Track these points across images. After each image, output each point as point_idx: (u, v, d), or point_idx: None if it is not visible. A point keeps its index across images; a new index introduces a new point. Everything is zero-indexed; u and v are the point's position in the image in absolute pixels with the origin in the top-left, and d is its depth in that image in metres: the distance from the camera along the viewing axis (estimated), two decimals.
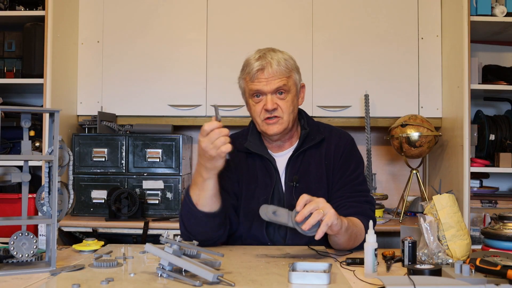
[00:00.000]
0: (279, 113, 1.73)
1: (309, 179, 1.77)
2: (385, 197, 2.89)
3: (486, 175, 3.02)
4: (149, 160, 2.75)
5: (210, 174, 1.57)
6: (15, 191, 2.69)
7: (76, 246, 1.64)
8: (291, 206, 1.73)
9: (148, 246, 1.31)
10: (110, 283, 1.23)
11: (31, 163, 1.50)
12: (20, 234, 1.37)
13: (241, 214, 1.78)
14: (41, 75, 2.69)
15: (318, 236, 1.45)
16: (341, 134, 1.85)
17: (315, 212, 1.45)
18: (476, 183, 2.95)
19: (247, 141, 1.82)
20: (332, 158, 1.79)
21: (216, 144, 1.50)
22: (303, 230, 1.45)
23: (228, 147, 1.51)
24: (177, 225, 1.82)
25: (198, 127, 3.24)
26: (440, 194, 1.50)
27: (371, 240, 1.35)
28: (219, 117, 1.54)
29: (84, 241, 1.68)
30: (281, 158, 1.81)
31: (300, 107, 1.88)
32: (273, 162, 1.79)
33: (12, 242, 1.36)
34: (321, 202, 1.48)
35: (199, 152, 1.56)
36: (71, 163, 1.47)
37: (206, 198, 1.61)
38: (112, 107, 3.00)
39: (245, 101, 1.83)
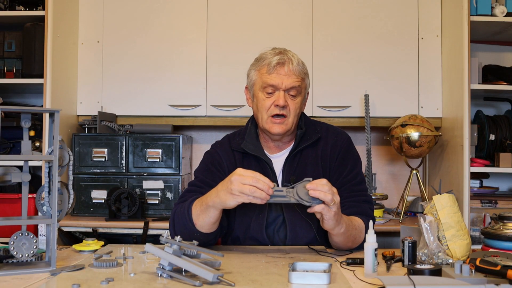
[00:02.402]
0: (286, 112, 1.72)
1: None
2: (385, 197, 2.89)
3: (486, 175, 3.02)
4: (149, 160, 2.75)
5: (216, 204, 1.53)
6: (15, 191, 2.69)
7: (76, 246, 1.64)
8: (288, 208, 1.73)
9: (148, 246, 1.31)
10: (110, 283, 1.23)
11: (31, 163, 1.50)
12: (20, 234, 1.37)
13: (238, 216, 1.76)
14: (41, 75, 2.69)
15: (311, 209, 1.47)
16: (337, 133, 1.84)
17: (329, 193, 1.45)
18: (476, 183, 2.95)
19: (244, 141, 1.80)
20: (328, 158, 1.78)
21: (242, 188, 1.44)
22: (300, 196, 1.45)
23: (242, 201, 1.46)
24: None
25: (198, 127, 3.24)
26: (440, 194, 1.50)
27: (371, 240, 1.35)
28: (278, 188, 1.48)
29: (84, 241, 1.68)
30: (278, 159, 1.80)
31: None
32: (269, 163, 1.78)
33: (12, 242, 1.36)
34: (337, 197, 1.48)
35: (225, 179, 1.51)
36: (71, 163, 1.47)
37: (205, 221, 1.59)
38: (112, 107, 3.00)
39: (251, 94, 1.80)
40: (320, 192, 1.45)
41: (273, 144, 1.82)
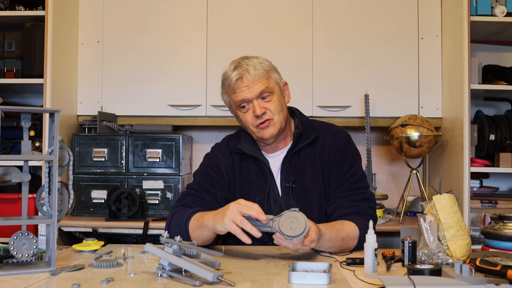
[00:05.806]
0: (269, 115, 1.73)
1: (305, 180, 1.76)
2: (385, 197, 2.89)
3: (486, 175, 3.02)
4: (149, 160, 2.75)
5: (209, 225, 1.54)
6: (15, 191, 2.69)
7: (76, 246, 1.65)
8: (288, 207, 1.73)
9: (148, 246, 1.31)
10: (110, 283, 1.23)
11: (31, 163, 1.50)
12: (20, 234, 1.37)
13: None
14: (41, 75, 2.69)
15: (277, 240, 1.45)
16: (336, 131, 1.84)
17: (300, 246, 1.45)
18: (476, 183, 2.95)
19: (240, 143, 1.82)
20: (327, 157, 1.78)
21: (235, 217, 1.44)
22: (281, 229, 1.43)
23: (229, 229, 1.45)
24: None
25: (198, 127, 3.24)
26: (440, 194, 1.50)
27: (371, 240, 1.35)
28: (272, 222, 1.46)
29: (84, 241, 1.68)
30: (275, 159, 1.81)
31: (294, 106, 1.88)
32: (266, 163, 1.78)
33: (12, 242, 1.36)
34: (314, 241, 1.46)
35: (227, 205, 1.50)
36: (71, 163, 1.47)
37: (199, 237, 1.60)
38: (112, 107, 3.00)
39: (234, 114, 1.83)
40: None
41: (269, 146, 1.83)
